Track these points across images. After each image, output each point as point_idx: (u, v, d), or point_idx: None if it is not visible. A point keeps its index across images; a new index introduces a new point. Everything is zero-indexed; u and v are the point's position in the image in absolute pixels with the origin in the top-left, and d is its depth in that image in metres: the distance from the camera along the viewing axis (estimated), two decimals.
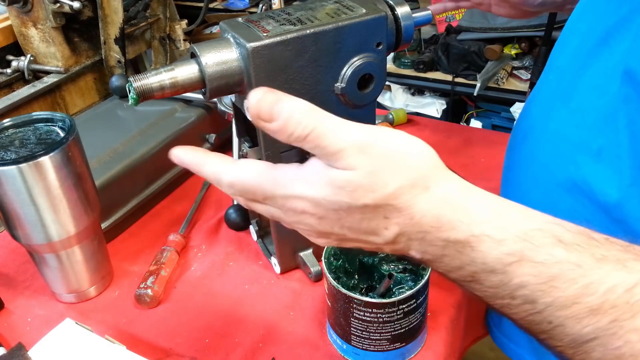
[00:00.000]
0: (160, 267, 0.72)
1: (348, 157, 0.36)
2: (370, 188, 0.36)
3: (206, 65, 0.56)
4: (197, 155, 0.42)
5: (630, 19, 0.50)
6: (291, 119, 0.37)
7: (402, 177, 0.36)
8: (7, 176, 0.59)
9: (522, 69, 2.34)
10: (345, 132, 0.37)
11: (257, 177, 0.39)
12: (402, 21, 0.61)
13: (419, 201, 0.36)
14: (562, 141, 0.55)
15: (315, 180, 0.37)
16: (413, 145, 0.38)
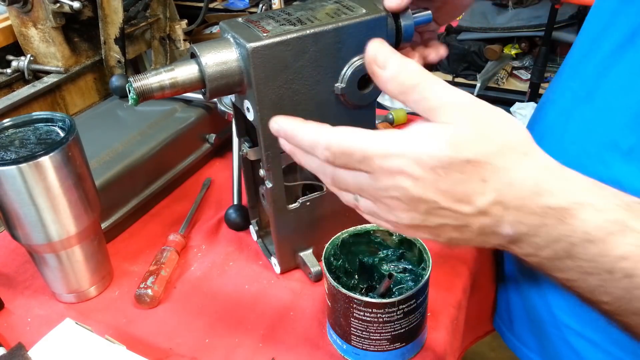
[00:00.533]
0: (160, 267, 0.72)
1: (452, 112, 0.36)
2: (475, 141, 0.36)
3: (206, 66, 0.56)
4: (296, 121, 0.42)
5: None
6: (404, 69, 0.38)
7: (505, 137, 0.36)
8: (7, 176, 0.59)
9: (522, 69, 2.34)
10: (449, 91, 0.37)
11: (356, 136, 0.39)
12: (402, 21, 0.61)
13: (520, 165, 0.36)
14: (588, 141, 0.55)
15: (418, 136, 0.37)
16: (510, 116, 0.38)
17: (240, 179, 0.82)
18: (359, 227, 0.63)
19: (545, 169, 0.36)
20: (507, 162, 0.36)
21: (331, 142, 0.40)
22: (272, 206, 0.66)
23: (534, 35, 2.18)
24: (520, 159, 0.36)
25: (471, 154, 0.36)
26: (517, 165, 0.36)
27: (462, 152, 0.36)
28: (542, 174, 0.36)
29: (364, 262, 0.65)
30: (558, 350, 0.65)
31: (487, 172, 0.36)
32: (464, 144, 0.36)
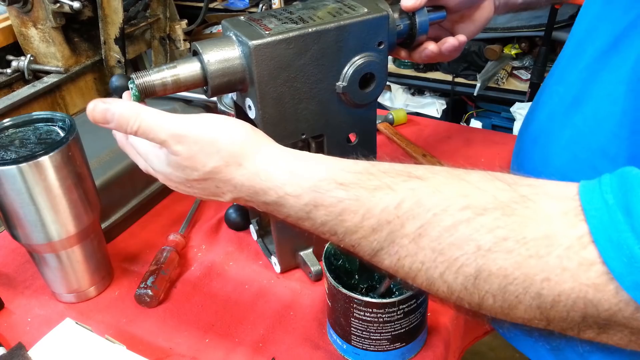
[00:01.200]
0: (160, 267, 0.72)
1: (170, 146, 0.47)
2: (194, 168, 0.47)
3: (208, 63, 0.56)
4: None
5: (638, 25, 0.50)
6: (121, 120, 0.48)
7: (216, 158, 0.46)
8: (7, 176, 0.58)
9: (522, 69, 2.34)
10: (163, 126, 0.47)
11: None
12: (417, 17, 0.65)
13: (236, 175, 0.46)
14: (578, 147, 0.55)
15: (163, 162, 0.49)
16: (224, 129, 0.47)
17: None
18: None
19: (255, 174, 0.46)
20: (225, 175, 0.47)
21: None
22: None
23: (534, 35, 2.18)
24: (236, 170, 0.46)
25: (195, 176, 0.48)
26: (234, 176, 0.46)
27: (190, 176, 0.48)
28: (253, 180, 0.46)
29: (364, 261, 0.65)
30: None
31: (216, 182, 0.48)
32: (187, 170, 0.48)
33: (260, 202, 0.47)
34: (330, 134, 0.64)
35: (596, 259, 0.34)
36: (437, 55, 0.71)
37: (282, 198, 0.45)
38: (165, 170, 0.50)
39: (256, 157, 0.46)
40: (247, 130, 0.48)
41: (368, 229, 0.42)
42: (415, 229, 0.39)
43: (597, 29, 0.57)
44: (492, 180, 0.40)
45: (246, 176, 0.46)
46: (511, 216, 0.37)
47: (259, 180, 0.46)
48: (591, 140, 0.54)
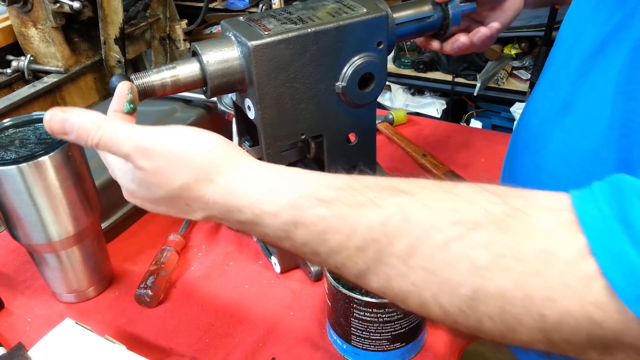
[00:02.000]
0: (160, 267, 0.72)
1: (135, 160, 0.43)
2: (160, 185, 0.43)
3: (207, 64, 0.56)
4: None
5: (624, 27, 0.50)
6: (80, 132, 0.44)
7: (185, 174, 0.42)
8: (7, 176, 0.58)
9: (522, 69, 2.34)
10: (127, 139, 0.43)
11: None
12: (450, 9, 0.68)
13: (207, 192, 0.42)
14: (570, 151, 0.55)
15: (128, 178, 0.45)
16: (194, 142, 0.43)
17: None
18: None
19: (228, 191, 0.42)
20: (196, 192, 0.43)
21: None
22: None
23: (534, 35, 2.18)
24: (207, 187, 0.42)
25: (162, 193, 0.44)
26: (204, 193, 0.43)
27: (157, 193, 0.44)
28: (226, 198, 0.42)
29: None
30: None
31: (186, 200, 0.44)
32: (154, 188, 0.44)
33: (234, 220, 0.43)
34: (330, 134, 0.64)
35: (596, 272, 0.32)
36: (469, 46, 0.72)
37: (259, 217, 0.41)
38: (129, 187, 0.46)
39: (229, 172, 0.43)
40: (219, 143, 0.44)
41: (353, 249, 0.38)
42: (404, 248, 0.37)
43: (583, 31, 0.57)
44: (481, 192, 0.38)
45: (218, 193, 0.42)
46: (506, 231, 0.35)
47: (232, 197, 0.42)
48: (582, 143, 0.54)
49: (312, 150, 0.67)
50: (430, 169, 0.90)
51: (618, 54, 0.50)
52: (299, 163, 0.74)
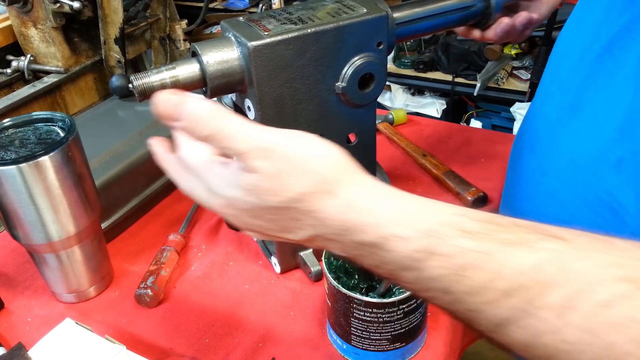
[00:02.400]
0: (160, 267, 0.72)
1: (251, 159, 0.37)
2: (274, 191, 0.37)
3: (207, 64, 0.56)
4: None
5: (632, 28, 0.49)
6: (193, 119, 0.39)
7: (305, 181, 0.37)
8: (7, 176, 0.58)
9: (522, 69, 2.34)
10: (247, 135, 0.38)
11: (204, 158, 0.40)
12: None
13: (325, 206, 0.37)
14: (578, 153, 0.55)
15: (231, 182, 0.39)
16: (318, 149, 0.39)
17: None
18: None
19: (351, 207, 0.37)
20: (312, 204, 0.37)
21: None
22: None
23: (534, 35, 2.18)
24: (326, 200, 0.37)
25: (274, 202, 0.38)
26: (322, 206, 0.37)
27: (266, 202, 0.38)
28: (347, 214, 0.37)
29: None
30: None
31: (296, 213, 0.38)
32: (265, 194, 0.38)
33: (349, 241, 0.37)
34: (330, 134, 0.64)
35: None
36: (511, 29, 0.73)
37: (385, 239, 0.36)
38: (229, 193, 0.39)
39: (354, 187, 0.38)
40: (343, 156, 0.39)
41: (496, 293, 0.33)
42: (560, 300, 0.31)
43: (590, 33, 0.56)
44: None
45: (338, 208, 0.37)
46: None
47: (355, 214, 0.37)
48: (590, 145, 0.53)
49: None
50: (430, 169, 0.90)
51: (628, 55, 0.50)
52: None
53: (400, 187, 0.39)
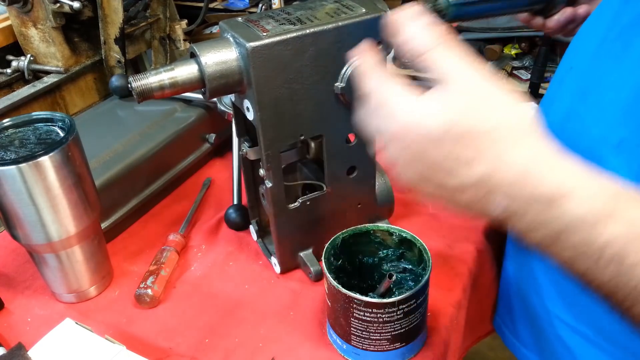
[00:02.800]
0: (160, 267, 0.72)
1: (457, 82, 0.37)
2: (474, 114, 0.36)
3: (206, 65, 0.56)
4: None
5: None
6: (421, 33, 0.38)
7: (505, 117, 0.36)
8: (7, 176, 0.59)
9: (522, 69, 2.34)
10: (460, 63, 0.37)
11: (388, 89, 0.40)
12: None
13: (514, 145, 0.36)
14: (582, 137, 0.56)
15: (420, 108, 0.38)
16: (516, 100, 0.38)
17: (240, 179, 0.82)
18: (359, 227, 0.63)
19: (537, 154, 0.36)
20: (500, 142, 0.36)
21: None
22: (272, 206, 0.66)
23: (534, 35, 2.17)
24: (515, 140, 0.36)
25: (469, 125, 0.36)
26: (510, 145, 0.36)
27: (459, 124, 0.36)
28: (532, 160, 0.36)
29: (364, 262, 0.65)
30: (553, 347, 0.65)
31: (480, 146, 0.36)
32: (463, 116, 0.36)
33: (519, 193, 0.36)
34: (329, 134, 0.64)
35: None
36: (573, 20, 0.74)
37: (564, 195, 0.34)
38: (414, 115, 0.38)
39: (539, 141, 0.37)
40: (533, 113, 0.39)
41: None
42: None
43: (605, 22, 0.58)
44: None
45: (524, 152, 0.36)
46: None
47: (539, 162, 0.35)
48: (594, 129, 0.54)
49: (311, 150, 0.67)
50: None
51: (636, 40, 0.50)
52: (299, 163, 0.74)
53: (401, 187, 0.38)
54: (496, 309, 0.79)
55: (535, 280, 0.66)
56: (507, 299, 0.76)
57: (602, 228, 0.34)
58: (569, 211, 0.35)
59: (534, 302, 0.67)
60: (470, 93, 0.37)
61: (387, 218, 0.77)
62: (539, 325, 0.67)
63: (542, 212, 0.35)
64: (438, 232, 0.78)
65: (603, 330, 0.58)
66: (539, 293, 0.66)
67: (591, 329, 0.60)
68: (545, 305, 0.65)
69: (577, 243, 0.35)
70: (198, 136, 0.94)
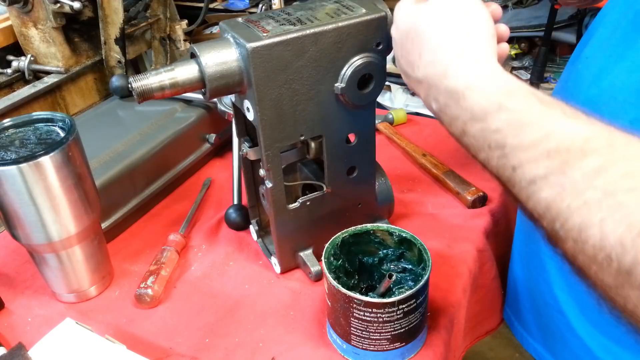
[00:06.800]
0: (161, 267, 0.72)
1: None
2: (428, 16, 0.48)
3: (206, 66, 0.56)
4: None
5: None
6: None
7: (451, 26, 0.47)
8: (7, 176, 0.59)
9: (522, 69, 2.34)
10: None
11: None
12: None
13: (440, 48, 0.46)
14: None
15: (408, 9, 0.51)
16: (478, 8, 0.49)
17: (240, 179, 0.82)
18: (359, 227, 0.64)
19: (459, 56, 0.45)
20: (437, 42, 0.47)
21: None
22: (272, 206, 0.66)
23: (534, 35, 2.17)
24: (448, 43, 0.46)
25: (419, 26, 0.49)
26: (442, 48, 0.46)
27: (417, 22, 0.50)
28: (453, 60, 0.45)
29: (364, 262, 0.65)
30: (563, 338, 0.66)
31: (423, 48, 0.48)
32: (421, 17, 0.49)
33: (442, 88, 0.45)
34: (329, 134, 0.65)
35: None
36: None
37: (469, 89, 0.43)
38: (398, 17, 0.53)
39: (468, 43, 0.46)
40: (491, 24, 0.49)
41: (542, 151, 0.37)
42: (593, 165, 0.35)
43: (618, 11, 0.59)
44: None
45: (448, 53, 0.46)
46: None
47: (458, 62, 0.45)
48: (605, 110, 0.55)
49: (311, 150, 0.67)
50: (430, 169, 0.90)
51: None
52: (299, 164, 0.74)
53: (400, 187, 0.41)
54: (505, 300, 0.80)
55: (544, 267, 0.66)
56: (515, 288, 0.76)
57: (492, 118, 0.41)
58: (470, 104, 0.42)
59: (542, 288, 0.67)
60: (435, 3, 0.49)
61: (387, 218, 0.77)
62: (547, 315, 0.67)
63: (453, 107, 0.44)
64: (438, 232, 0.78)
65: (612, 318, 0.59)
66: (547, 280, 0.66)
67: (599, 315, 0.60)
68: (552, 291, 0.65)
69: (475, 134, 0.42)
70: (198, 136, 0.94)
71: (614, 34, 0.58)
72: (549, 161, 0.37)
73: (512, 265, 0.77)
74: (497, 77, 0.43)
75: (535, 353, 0.73)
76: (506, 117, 0.40)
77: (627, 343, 0.58)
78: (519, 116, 0.39)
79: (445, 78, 0.45)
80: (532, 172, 0.38)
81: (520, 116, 0.39)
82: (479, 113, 0.42)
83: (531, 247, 0.69)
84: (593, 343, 0.62)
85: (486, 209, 0.82)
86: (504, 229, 0.83)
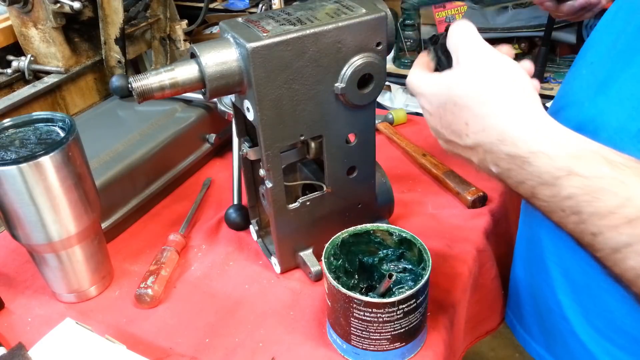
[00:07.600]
0: (161, 267, 0.72)
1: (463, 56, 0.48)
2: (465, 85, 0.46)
3: (206, 66, 0.56)
4: None
5: None
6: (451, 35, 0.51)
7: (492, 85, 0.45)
8: (7, 176, 0.59)
9: None
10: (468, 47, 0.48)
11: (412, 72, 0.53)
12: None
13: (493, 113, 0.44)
14: (601, 128, 0.56)
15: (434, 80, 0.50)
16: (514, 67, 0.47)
17: (240, 179, 0.82)
18: (359, 227, 0.64)
19: (513, 119, 0.43)
20: (484, 109, 0.45)
21: None
22: (272, 206, 0.66)
23: (534, 35, 2.17)
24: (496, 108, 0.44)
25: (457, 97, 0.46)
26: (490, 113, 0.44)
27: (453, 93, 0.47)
28: (508, 124, 0.43)
29: (364, 261, 0.65)
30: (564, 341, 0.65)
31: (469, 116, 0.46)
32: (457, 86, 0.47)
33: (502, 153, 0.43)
34: (329, 134, 0.65)
35: None
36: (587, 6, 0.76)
37: (533, 154, 0.41)
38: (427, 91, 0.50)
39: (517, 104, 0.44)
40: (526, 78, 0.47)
41: (622, 219, 0.37)
42: None
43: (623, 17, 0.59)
44: None
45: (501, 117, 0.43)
46: None
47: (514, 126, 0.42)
48: (613, 120, 0.55)
49: (311, 150, 0.67)
50: (430, 169, 0.90)
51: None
52: (299, 164, 0.74)
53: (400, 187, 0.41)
54: (506, 301, 0.80)
55: (547, 272, 0.66)
56: (516, 291, 0.76)
57: (562, 184, 0.40)
58: (537, 170, 0.41)
59: (545, 292, 0.67)
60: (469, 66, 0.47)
61: (387, 218, 0.77)
62: (550, 319, 0.67)
63: (518, 172, 0.43)
64: (438, 232, 0.78)
65: (615, 322, 0.59)
66: (550, 284, 0.66)
67: (603, 321, 0.60)
68: (555, 295, 0.65)
69: (546, 198, 0.41)
70: (198, 136, 0.94)
71: (619, 40, 0.58)
72: (631, 229, 0.36)
73: (514, 269, 0.77)
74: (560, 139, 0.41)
75: (538, 357, 0.73)
76: (578, 184, 0.39)
77: (631, 349, 0.58)
78: (591, 183, 0.38)
79: (503, 144, 0.43)
80: (614, 240, 0.37)
81: (593, 183, 0.38)
82: (548, 179, 0.40)
83: (534, 251, 0.69)
84: (596, 348, 0.62)
85: (486, 209, 0.82)
86: (504, 229, 0.83)
